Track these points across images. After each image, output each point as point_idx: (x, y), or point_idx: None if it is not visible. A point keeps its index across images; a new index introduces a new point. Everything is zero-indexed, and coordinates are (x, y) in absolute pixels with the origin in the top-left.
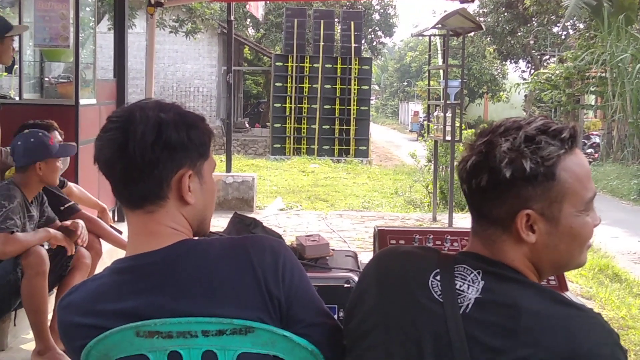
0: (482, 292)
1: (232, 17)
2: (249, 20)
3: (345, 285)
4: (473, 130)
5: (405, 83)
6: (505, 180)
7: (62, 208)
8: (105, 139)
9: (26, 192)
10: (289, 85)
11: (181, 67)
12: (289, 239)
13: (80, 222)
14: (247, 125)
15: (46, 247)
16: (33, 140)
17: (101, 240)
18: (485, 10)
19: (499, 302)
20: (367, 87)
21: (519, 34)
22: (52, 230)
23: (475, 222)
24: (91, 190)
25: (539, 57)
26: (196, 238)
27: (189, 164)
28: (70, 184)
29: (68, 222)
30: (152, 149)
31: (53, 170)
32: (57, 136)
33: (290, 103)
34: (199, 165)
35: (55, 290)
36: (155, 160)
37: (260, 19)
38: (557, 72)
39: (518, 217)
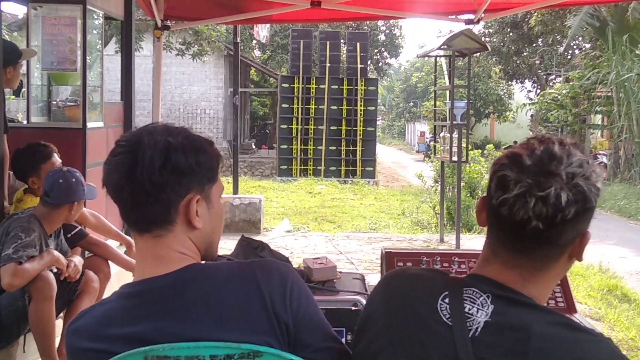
0: (492, 316)
1: (239, 39)
2: (255, 42)
3: (353, 308)
4: (479, 150)
5: (412, 103)
6: (592, 208)
7: (69, 235)
8: (114, 163)
9: (47, 226)
10: (295, 106)
11: (188, 89)
12: (296, 261)
13: (74, 261)
14: (254, 147)
15: (54, 270)
16: (74, 181)
17: (110, 263)
18: (490, 31)
19: (508, 326)
20: (373, 108)
21: (525, 54)
22: (55, 253)
23: (521, 251)
24: (98, 212)
25: (545, 77)
26: (204, 262)
27: (197, 189)
28: (85, 210)
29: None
30: (160, 173)
31: (79, 211)
32: (57, 159)
33: (297, 124)
34: (207, 189)
35: (63, 314)
36: (163, 184)
37: (263, 41)
38: (564, 91)
39: (584, 239)
